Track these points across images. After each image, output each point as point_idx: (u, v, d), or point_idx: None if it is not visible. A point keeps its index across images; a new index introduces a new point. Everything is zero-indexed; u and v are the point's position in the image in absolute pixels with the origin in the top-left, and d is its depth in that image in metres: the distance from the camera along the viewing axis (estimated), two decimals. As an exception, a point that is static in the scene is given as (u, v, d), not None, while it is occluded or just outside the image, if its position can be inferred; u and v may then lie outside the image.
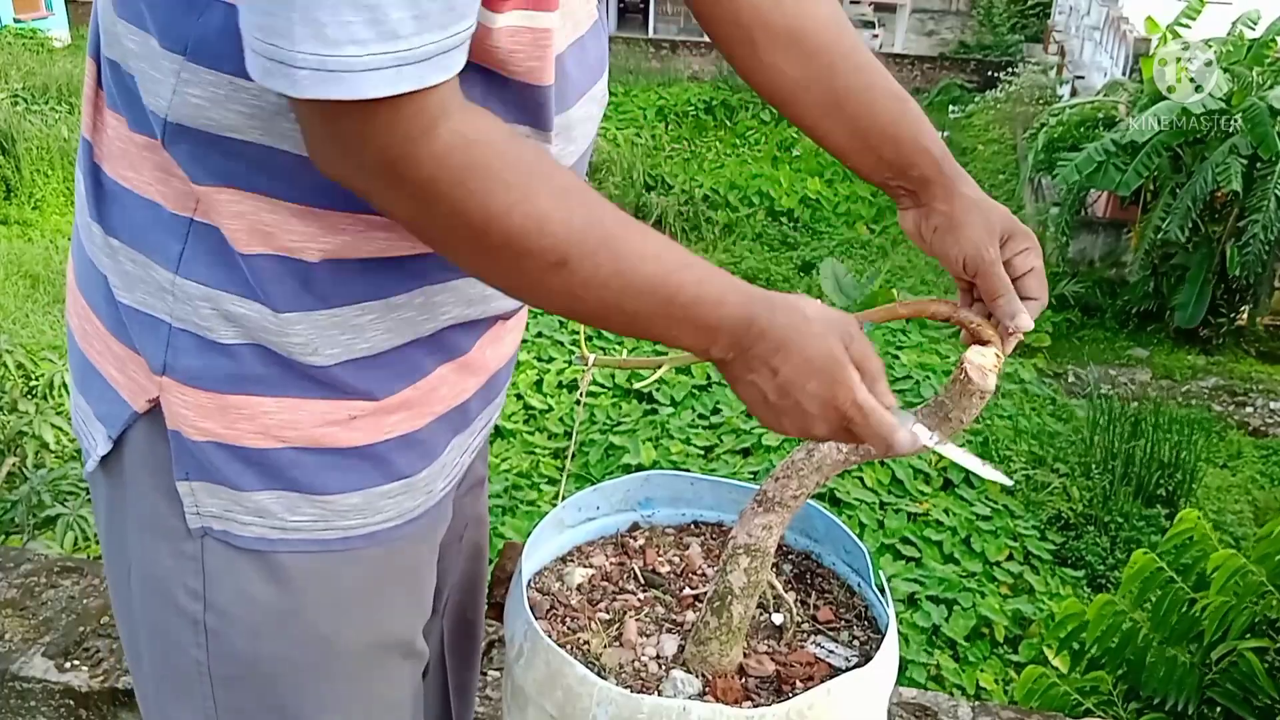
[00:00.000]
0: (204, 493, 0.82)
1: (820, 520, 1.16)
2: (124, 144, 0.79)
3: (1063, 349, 12.27)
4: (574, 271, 0.72)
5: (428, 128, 0.66)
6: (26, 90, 16.51)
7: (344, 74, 0.62)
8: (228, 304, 0.77)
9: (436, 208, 0.69)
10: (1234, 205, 11.86)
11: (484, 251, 0.72)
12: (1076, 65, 20.61)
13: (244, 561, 0.84)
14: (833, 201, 16.67)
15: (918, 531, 6.45)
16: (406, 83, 0.63)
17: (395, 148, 0.66)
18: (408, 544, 0.91)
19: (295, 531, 0.84)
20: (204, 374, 0.79)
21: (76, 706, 1.58)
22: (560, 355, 8.67)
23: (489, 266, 0.74)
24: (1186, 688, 2.23)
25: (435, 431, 0.89)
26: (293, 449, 0.82)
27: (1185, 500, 7.38)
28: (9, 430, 5.14)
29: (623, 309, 0.75)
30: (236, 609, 0.85)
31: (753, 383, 0.80)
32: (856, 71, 0.96)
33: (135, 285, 0.80)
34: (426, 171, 0.67)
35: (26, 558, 1.88)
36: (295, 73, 0.62)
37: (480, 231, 0.70)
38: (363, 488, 0.85)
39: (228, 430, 0.80)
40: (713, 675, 0.99)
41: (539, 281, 0.73)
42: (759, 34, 0.95)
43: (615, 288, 0.74)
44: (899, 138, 0.96)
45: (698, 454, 7.22)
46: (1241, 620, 2.12)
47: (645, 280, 0.74)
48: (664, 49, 23.51)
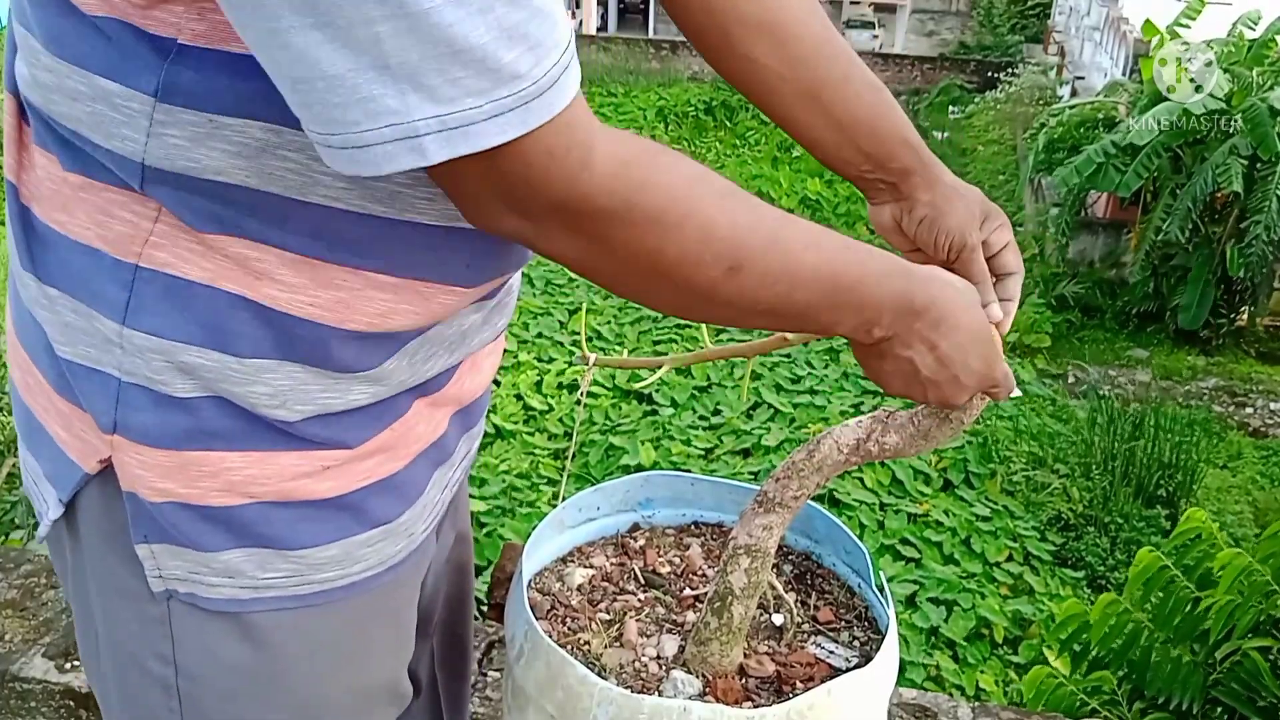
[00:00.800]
0: (166, 555, 0.77)
1: (821, 521, 1.17)
2: (55, 184, 0.73)
3: (1063, 349, 12.27)
4: (748, 274, 0.70)
5: (585, 157, 0.63)
6: (27, 91, 16.52)
7: (468, 128, 0.57)
8: (183, 355, 0.71)
9: (612, 238, 0.66)
10: (1234, 206, 11.86)
11: (659, 273, 0.69)
12: (1076, 66, 20.63)
13: (214, 624, 0.79)
14: (833, 202, 16.68)
15: (918, 532, 6.46)
16: (537, 117, 0.59)
17: (558, 186, 0.63)
18: (389, 590, 0.86)
19: (269, 589, 0.78)
20: (159, 431, 0.73)
21: (77, 707, 1.58)
22: (560, 356, 8.68)
23: (663, 288, 0.71)
24: (1191, 687, 2.23)
25: (415, 471, 0.84)
26: (261, 504, 0.76)
27: (1185, 501, 7.39)
28: (9, 431, 5.14)
29: (793, 302, 0.73)
30: (209, 673, 0.80)
31: (909, 358, 0.79)
32: (833, 61, 0.94)
33: (78, 338, 0.73)
34: (596, 205, 0.64)
35: (27, 558, 1.88)
36: (421, 141, 0.57)
37: (656, 251, 0.67)
38: (340, 538, 0.80)
39: (189, 489, 0.74)
40: (713, 675, 0.99)
41: (713, 292, 0.70)
42: (733, 26, 0.92)
43: (786, 283, 0.72)
44: (877, 128, 0.94)
45: (698, 455, 7.23)
46: (1246, 619, 2.12)
47: (811, 270, 0.73)
48: (664, 49, 23.53)
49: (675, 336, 9.23)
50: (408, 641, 0.94)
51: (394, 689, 0.92)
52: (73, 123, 0.69)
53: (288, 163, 0.67)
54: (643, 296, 0.74)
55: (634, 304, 8.01)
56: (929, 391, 0.81)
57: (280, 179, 0.67)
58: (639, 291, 0.73)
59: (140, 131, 0.66)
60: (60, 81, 0.68)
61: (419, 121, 0.57)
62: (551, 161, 0.61)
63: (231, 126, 0.65)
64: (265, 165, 0.67)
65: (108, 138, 0.67)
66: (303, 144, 0.66)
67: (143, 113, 0.65)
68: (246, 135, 0.66)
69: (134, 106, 0.65)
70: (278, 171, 0.67)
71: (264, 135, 0.66)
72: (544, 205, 0.64)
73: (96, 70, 0.66)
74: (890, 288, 0.76)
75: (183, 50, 0.63)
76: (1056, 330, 12.42)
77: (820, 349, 8.54)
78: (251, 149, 0.66)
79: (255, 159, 0.67)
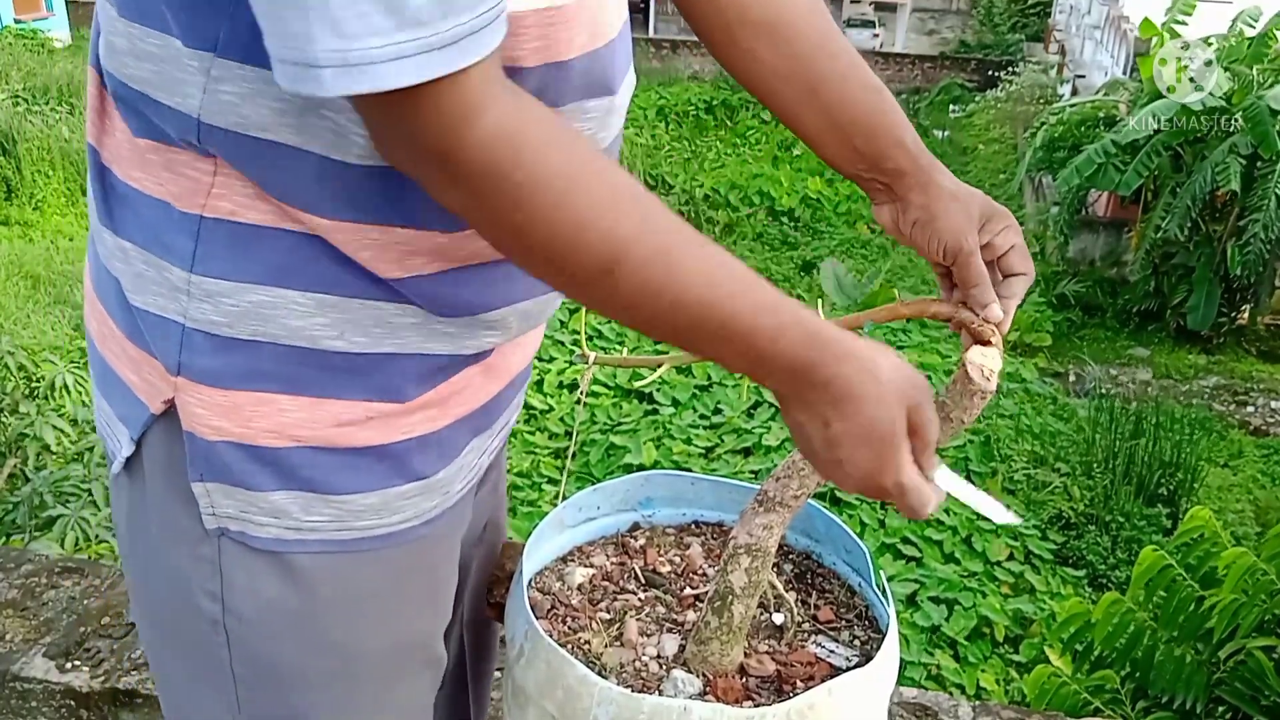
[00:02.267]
0: (219, 493, 0.82)
1: (821, 520, 1.16)
2: (131, 147, 0.78)
3: (1064, 348, 12.27)
4: (621, 279, 0.69)
5: (471, 115, 0.64)
6: (27, 91, 16.51)
7: (367, 66, 0.60)
8: (249, 294, 0.76)
9: (484, 201, 0.67)
10: (1235, 204, 11.85)
11: (530, 249, 0.70)
12: (1077, 64, 20.62)
13: (260, 563, 0.83)
14: (833, 201, 16.68)
15: (919, 531, 6.46)
16: (435, 68, 0.61)
17: (442, 137, 0.65)
18: (426, 544, 0.90)
19: (311, 532, 0.83)
20: (219, 372, 0.78)
21: (77, 707, 1.58)
22: (561, 355, 8.68)
23: (536, 265, 0.72)
24: (1194, 686, 2.23)
25: (455, 432, 0.87)
26: (308, 448, 0.80)
27: (1186, 499, 7.39)
28: (10, 432, 5.14)
29: (674, 324, 0.72)
30: (253, 612, 0.84)
31: (802, 424, 0.77)
32: (832, 59, 0.95)
33: (148, 288, 0.79)
34: (473, 163, 0.65)
35: (27, 558, 1.88)
36: (320, 73, 0.61)
37: (525, 227, 0.68)
38: (379, 488, 0.84)
39: (242, 429, 0.79)
40: (713, 675, 0.99)
41: (586, 286, 0.71)
42: (735, 23, 0.94)
43: (666, 302, 0.70)
44: (873, 129, 0.95)
45: (699, 454, 7.23)
46: (1250, 618, 2.12)
47: (697, 300, 0.71)
48: (664, 49, 23.52)
49: (676, 336, 9.23)
50: (444, 602, 0.97)
51: (429, 649, 0.95)
52: (140, 84, 0.74)
53: (325, 120, 0.71)
54: (523, 266, 0.74)
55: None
56: (819, 465, 0.79)
57: (320, 137, 0.71)
58: (518, 260, 0.73)
59: (198, 88, 0.71)
60: (132, 44, 0.73)
61: (319, 52, 0.60)
62: (438, 115, 0.64)
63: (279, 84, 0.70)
64: (307, 122, 0.71)
65: (170, 95, 0.72)
66: (338, 104, 0.69)
67: (201, 69, 0.70)
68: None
69: (194, 64, 0.70)
70: (317, 129, 0.71)
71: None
72: (426, 153, 0.66)
73: (162, 28, 0.71)
74: (788, 350, 0.73)
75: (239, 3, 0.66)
76: (1057, 329, 12.42)
77: (821, 348, 8.53)
78: (295, 107, 0.70)
79: (298, 116, 0.71)
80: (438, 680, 0.98)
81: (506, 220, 0.68)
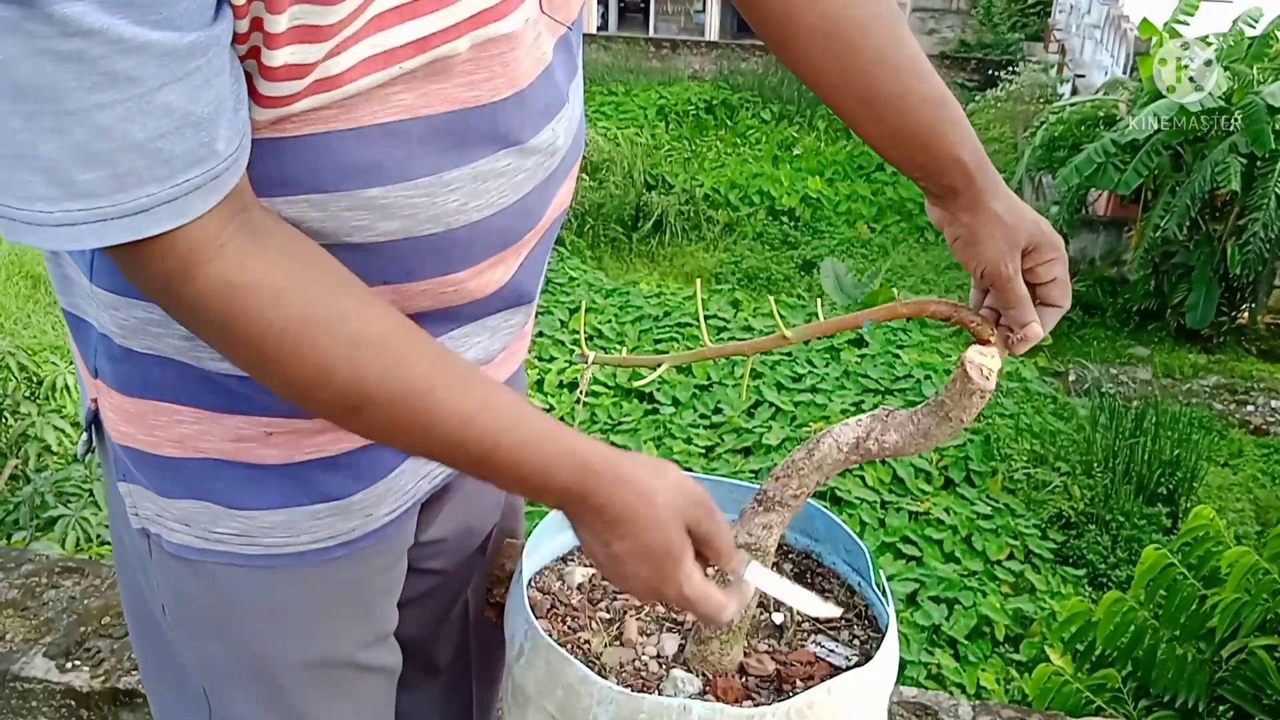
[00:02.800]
0: (138, 495, 0.83)
1: (821, 519, 1.16)
2: None
3: (1064, 347, 12.25)
4: (369, 419, 0.69)
5: (186, 272, 0.63)
6: (27, 91, 16.47)
7: (38, 227, 0.59)
8: (136, 310, 0.76)
9: (217, 342, 0.68)
10: (1235, 204, 11.84)
11: (273, 387, 0.69)
12: (1077, 64, 20.59)
13: (179, 566, 0.84)
14: (833, 200, 16.65)
15: (919, 530, 6.45)
16: (116, 235, 0.60)
17: (160, 288, 0.65)
18: (346, 565, 0.88)
19: (220, 543, 0.82)
20: (124, 379, 0.79)
21: (78, 707, 1.58)
22: (561, 355, 8.67)
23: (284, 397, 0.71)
24: (1197, 685, 2.23)
25: (375, 455, 0.85)
26: (210, 460, 0.80)
27: (1186, 499, 7.37)
28: (11, 433, 5.14)
29: (436, 456, 0.73)
30: (182, 610, 0.86)
31: (585, 539, 0.79)
32: (892, 74, 0.92)
33: (72, 289, 0.81)
34: (195, 311, 0.66)
35: (28, 558, 1.88)
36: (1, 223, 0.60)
37: (260, 370, 0.68)
38: (284, 505, 0.82)
39: (148, 437, 0.80)
40: (713, 674, 0.99)
41: (336, 420, 0.71)
42: (789, 30, 0.93)
43: (419, 439, 0.71)
44: (930, 146, 0.93)
45: (699, 453, 7.22)
46: (1253, 617, 2.12)
47: (449, 438, 0.71)
48: (664, 48, 23.49)
49: (676, 335, 9.22)
50: (375, 618, 0.95)
51: (360, 663, 0.93)
52: None
53: None
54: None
55: (634, 304, 7.92)
56: (609, 578, 0.81)
57: None
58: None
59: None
60: None
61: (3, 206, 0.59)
62: (149, 269, 0.64)
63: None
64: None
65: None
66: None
67: None
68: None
69: None
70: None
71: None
72: (152, 295, 0.67)
73: None
74: (557, 482, 0.74)
75: None
76: (1057, 328, 12.30)
77: (821, 347, 8.53)
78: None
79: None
80: (387, 687, 0.97)
81: (243, 361, 0.68)
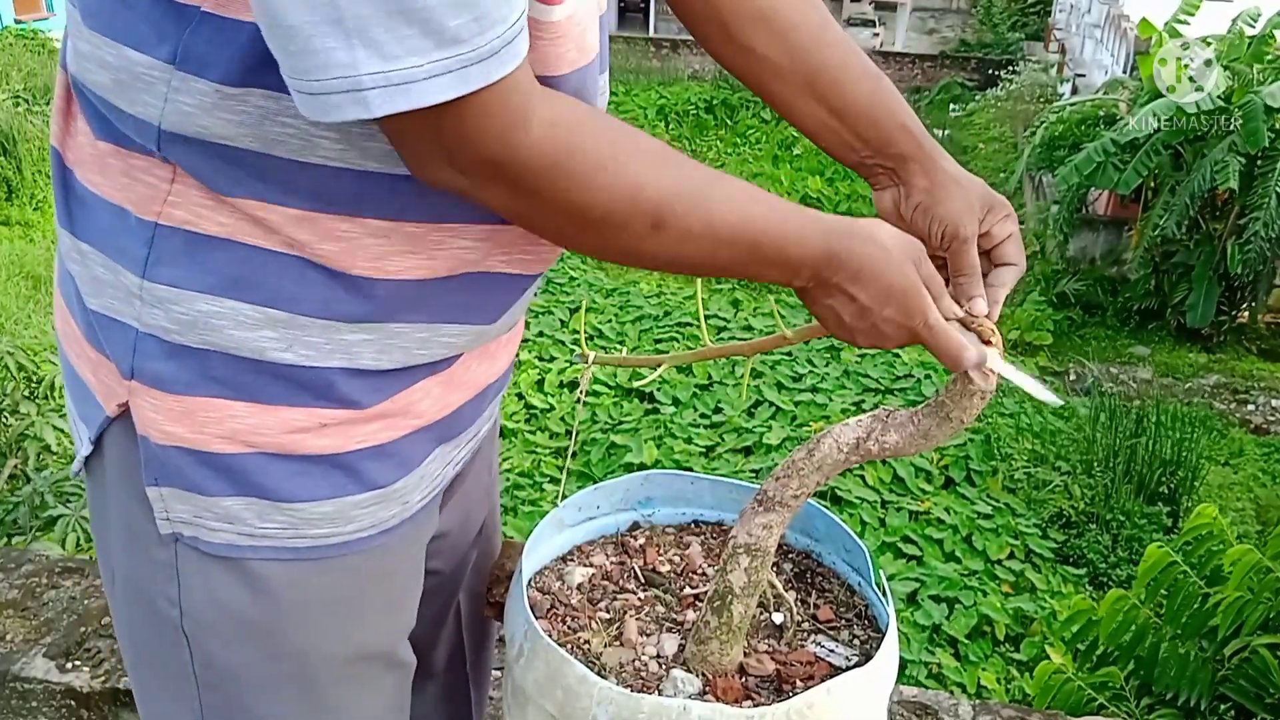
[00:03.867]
0: (173, 498, 0.81)
1: (821, 519, 1.16)
2: (92, 150, 0.79)
3: (1064, 347, 12.25)
4: (669, 231, 0.75)
5: (522, 117, 0.67)
6: (27, 91, 16.48)
7: (409, 85, 0.62)
8: (199, 303, 0.76)
9: (540, 195, 0.71)
10: (1235, 203, 11.84)
11: (586, 227, 0.74)
12: (1077, 63, 20.60)
13: (216, 568, 0.83)
14: (833, 200, 16.66)
15: (919, 530, 6.45)
16: (474, 81, 0.63)
17: (494, 145, 0.67)
18: (384, 553, 0.89)
19: (265, 539, 0.82)
20: (171, 377, 0.78)
21: (78, 707, 1.58)
22: (561, 354, 8.67)
23: (589, 239, 0.76)
24: (1199, 683, 2.23)
25: (414, 443, 0.87)
26: (261, 454, 0.80)
27: (1187, 498, 7.38)
28: (11, 432, 5.14)
29: (716, 258, 0.78)
30: (211, 616, 0.84)
31: (830, 306, 0.83)
32: (830, 48, 0.96)
33: (103, 290, 0.80)
34: (528, 163, 0.69)
35: (28, 558, 1.88)
36: (366, 95, 0.62)
37: (582, 210, 0.72)
38: (334, 496, 0.83)
39: (195, 435, 0.79)
40: (713, 674, 0.99)
41: (637, 246, 0.76)
42: (729, 15, 0.95)
43: (708, 241, 0.77)
44: (876, 114, 0.96)
45: (699, 453, 7.23)
46: (1255, 616, 2.12)
47: (732, 230, 0.77)
48: (664, 48, 23.51)
49: (676, 334, 9.23)
50: (407, 609, 0.96)
51: (390, 656, 0.94)
52: (102, 89, 0.74)
53: (288, 128, 0.72)
54: (571, 245, 0.79)
55: (634, 303, 7.94)
56: (857, 337, 0.85)
57: (282, 143, 0.72)
58: (567, 241, 0.79)
59: (159, 98, 0.72)
60: (94, 51, 0.74)
61: (364, 76, 0.62)
62: (487, 122, 0.66)
63: (235, 95, 0.70)
64: (268, 131, 0.72)
65: (130, 104, 0.73)
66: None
67: (162, 79, 0.71)
68: (248, 104, 0.71)
69: (154, 74, 0.71)
70: (279, 136, 0.72)
71: (264, 103, 0.70)
72: (478, 161, 0.68)
73: (123, 40, 0.71)
74: (811, 246, 0.80)
75: (204, 18, 0.68)
76: (1058, 328, 12.40)
77: (821, 347, 8.53)
78: (254, 116, 0.71)
79: (258, 126, 0.71)
80: (406, 683, 0.98)
81: (566, 203, 0.72)
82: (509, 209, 0.73)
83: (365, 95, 0.62)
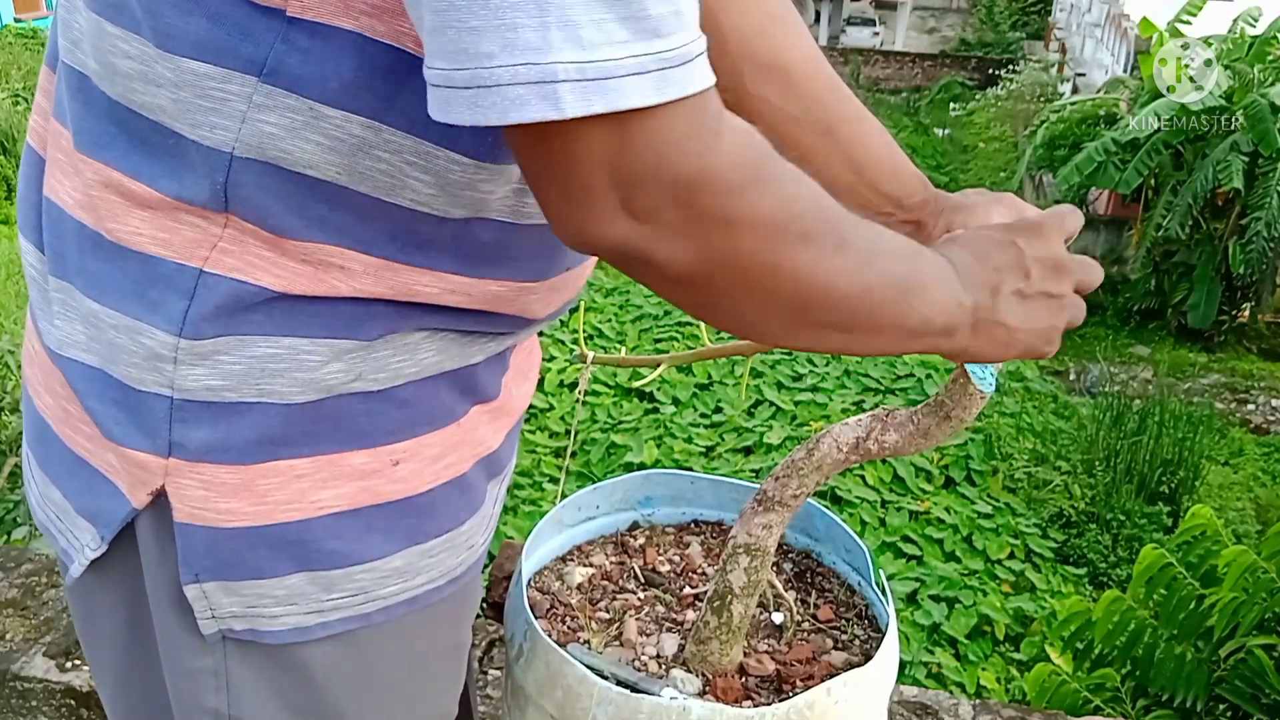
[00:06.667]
0: (219, 592, 0.72)
1: (821, 519, 1.16)
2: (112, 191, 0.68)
3: (1065, 346, 12.21)
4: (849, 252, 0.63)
5: (715, 126, 0.56)
6: (27, 90, 16.48)
7: (605, 81, 0.50)
8: (252, 349, 0.67)
9: (739, 220, 0.58)
10: (1236, 203, 11.85)
11: (781, 247, 0.60)
12: (1078, 62, 20.61)
13: (272, 664, 0.75)
14: (834, 200, 16.68)
15: (919, 529, 6.45)
16: (673, 88, 0.52)
17: (692, 162, 0.55)
18: (449, 606, 0.83)
19: (334, 611, 0.74)
20: (221, 445, 0.68)
21: (78, 706, 1.58)
22: (561, 354, 8.67)
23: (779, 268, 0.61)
24: (1195, 685, 2.23)
25: (477, 476, 0.82)
26: (330, 516, 0.72)
27: (1187, 498, 7.38)
28: (10, 431, 5.14)
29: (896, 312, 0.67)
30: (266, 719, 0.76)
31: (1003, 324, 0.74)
32: (845, 101, 0.94)
33: (119, 357, 0.69)
34: (727, 176, 0.56)
35: (28, 557, 1.88)
36: (558, 90, 0.50)
37: (781, 227, 0.59)
38: (405, 547, 0.76)
39: (257, 507, 0.70)
40: (713, 674, 0.99)
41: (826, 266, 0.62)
42: (746, 65, 0.91)
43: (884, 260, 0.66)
44: (895, 165, 0.95)
45: (699, 452, 7.23)
46: (1251, 617, 2.12)
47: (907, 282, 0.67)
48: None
49: (676, 335, 9.23)
50: (464, 668, 0.91)
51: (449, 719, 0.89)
52: (154, 112, 0.64)
53: (380, 163, 0.64)
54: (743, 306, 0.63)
55: (634, 303, 7.92)
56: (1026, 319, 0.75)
57: (370, 179, 0.65)
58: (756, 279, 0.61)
59: (234, 118, 0.62)
60: (146, 68, 0.63)
61: (557, 64, 0.50)
62: (686, 138, 0.54)
63: (331, 119, 0.62)
64: (358, 163, 0.64)
65: (194, 127, 0.63)
66: (398, 145, 0.64)
67: (241, 96, 0.62)
68: (345, 130, 0.62)
69: (230, 89, 0.62)
70: (369, 171, 0.64)
71: (362, 132, 0.62)
72: (668, 187, 0.55)
73: (191, 54, 0.62)
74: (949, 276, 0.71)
75: (292, 24, 0.60)
76: (1058, 327, 12.41)
77: (821, 347, 8.52)
78: (347, 145, 0.63)
79: (350, 156, 0.63)
80: None
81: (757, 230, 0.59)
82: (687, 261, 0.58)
83: (557, 90, 0.50)
